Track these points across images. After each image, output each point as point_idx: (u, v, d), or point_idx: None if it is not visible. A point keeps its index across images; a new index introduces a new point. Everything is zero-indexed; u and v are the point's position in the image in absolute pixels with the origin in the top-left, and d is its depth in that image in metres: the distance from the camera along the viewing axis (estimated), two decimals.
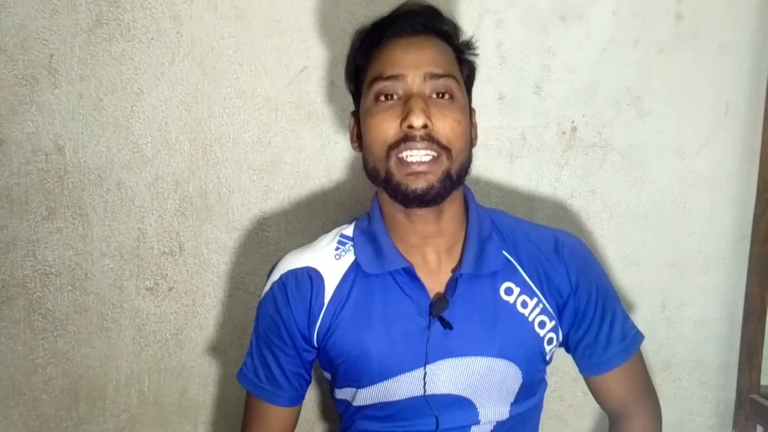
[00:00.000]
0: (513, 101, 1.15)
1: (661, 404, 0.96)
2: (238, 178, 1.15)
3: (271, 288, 0.89)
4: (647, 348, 1.12)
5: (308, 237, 1.16)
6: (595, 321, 0.88)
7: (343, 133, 1.14)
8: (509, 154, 1.16)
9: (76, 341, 1.17)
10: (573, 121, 1.16)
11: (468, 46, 0.89)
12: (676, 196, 1.19)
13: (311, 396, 1.20)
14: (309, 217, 1.17)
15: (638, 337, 0.92)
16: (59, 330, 1.16)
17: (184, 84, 1.12)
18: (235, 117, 1.13)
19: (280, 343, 0.89)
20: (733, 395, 1.23)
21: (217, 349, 1.19)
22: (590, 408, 1.00)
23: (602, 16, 1.14)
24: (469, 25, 1.12)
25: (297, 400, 0.92)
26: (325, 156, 1.15)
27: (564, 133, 1.16)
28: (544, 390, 0.93)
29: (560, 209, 1.18)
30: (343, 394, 0.89)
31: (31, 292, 1.15)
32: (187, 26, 1.10)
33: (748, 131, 1.17)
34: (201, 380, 1.20)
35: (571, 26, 1.14)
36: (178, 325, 1.18)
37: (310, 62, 1.13)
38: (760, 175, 1.16)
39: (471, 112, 0.88)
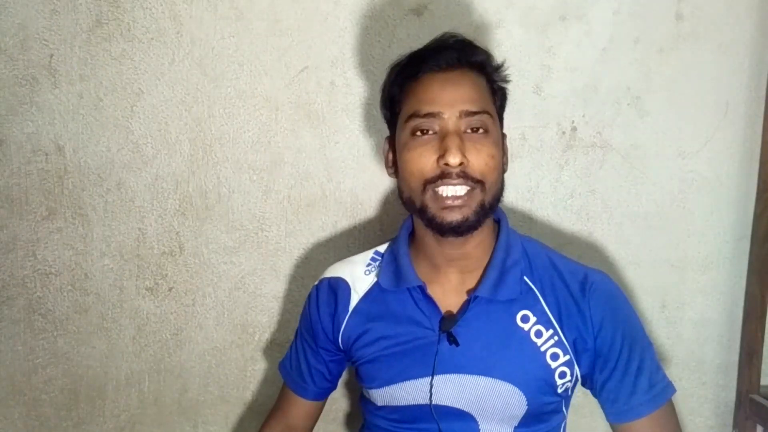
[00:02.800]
0: (513, 101, 1.14)
1: None
2: (238, 178, 1.15)
3: (311, 291, 1.00)
4: None
5: (308, 237, 1.17)
6: (620, 366, 0.86)
7: (343, 133, 1.14)
8: (509, 154, 1.15)
9: (76, 341, 1.17)
10: (573, 121, 1.16)
11: (500, 74, 0.90)
12: (676, 196, 1.19)
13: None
14: (309, 217, 1.17)
15: (668, 389, 0.87)
16: (59, 330, 1.16)
17: (184, 84, 1.12)
18: (235, 117, 1.13)
19: (309, 338, 1.00)
20: (733, 395, 1.23)
21: (217, 349, 1.19)
22: (590, 408, 1.00)
23: (602, 16, 1.14)
24: (469, 25, 1.12)
25: (319, 396, 1.02)
26: (325, 156, 1.15)
27: (564, 133, 1.16)
28: (561, 422, 0.92)
29: (560, 209, 1.18)
30: (365, 393, 0.96)
31: (31, 292, 1.15)
32: (187, 26, 1.11)
33: (748, 131, 1.17)
34: (201, 380, 1.20)
35: (571, 26, 1.14)
36: (178, 325, 1.18)
37: (310, 62, 1.13)
38: (760, 175, 1.16)
39: (502, 138, 0.90)
